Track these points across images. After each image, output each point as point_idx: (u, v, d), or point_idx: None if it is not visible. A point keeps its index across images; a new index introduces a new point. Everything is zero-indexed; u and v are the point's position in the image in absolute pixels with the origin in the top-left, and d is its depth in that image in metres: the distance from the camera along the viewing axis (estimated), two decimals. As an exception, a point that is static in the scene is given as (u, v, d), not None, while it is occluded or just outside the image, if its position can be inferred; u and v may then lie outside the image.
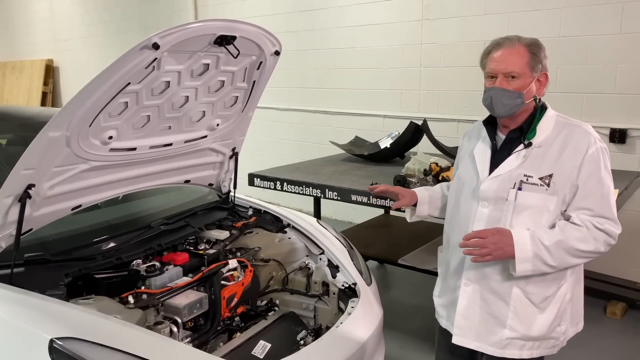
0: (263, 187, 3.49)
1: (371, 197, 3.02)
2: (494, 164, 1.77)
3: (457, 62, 4.69)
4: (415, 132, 3.95)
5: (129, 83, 1.80)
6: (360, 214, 4.88)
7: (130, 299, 1.98)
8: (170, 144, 2.27)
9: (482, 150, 1.83)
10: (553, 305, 1.76)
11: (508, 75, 1.68)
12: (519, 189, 1.69)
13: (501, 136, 1.81)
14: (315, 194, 3.27)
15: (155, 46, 1.72)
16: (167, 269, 2.20)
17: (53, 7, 9.59)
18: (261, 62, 2.24)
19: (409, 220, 2.17)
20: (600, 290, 3.77)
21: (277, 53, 2.24)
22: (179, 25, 1.77)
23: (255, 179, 3.52)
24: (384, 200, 2.98)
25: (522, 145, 1.72)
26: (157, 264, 2.23)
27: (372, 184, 3.26)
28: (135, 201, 2.58)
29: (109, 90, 1.76)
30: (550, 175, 1.67)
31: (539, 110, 1.76)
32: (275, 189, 3.42)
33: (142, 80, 1.85)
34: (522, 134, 1.74)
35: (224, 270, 2.25)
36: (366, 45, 5.38)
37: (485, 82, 1.77)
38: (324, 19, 5.66)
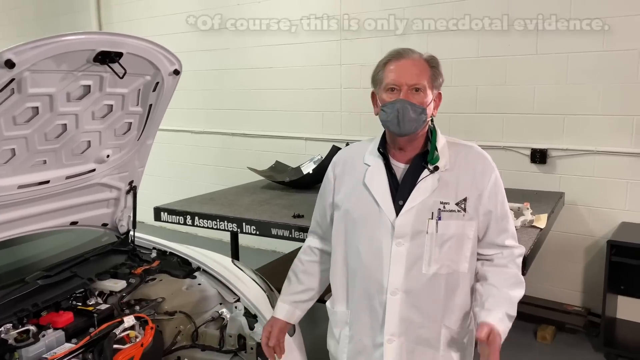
0: (172, 223, 3.12)
1: (293, 230, 2.76)
2: (399, 195, 1.57)
3: (378, 82, 4.57)
4: (338, 156, 3.74)
5: (-23, 110, 1.43)
6: (285, 241, 4.60)
7: (-12, 382, 1.57)
8: (47, 182, 1.90)
9: (379, 181, 1.60)
10: (469, 335, 1.66)
11: (412, 88, 1.52)
12: (439, 218, 1.53)
13: (398, 164, 1.61)
14: (231, 229, 2.95)
15: (9, 64, 1.37)
16: (44, 335, 1.79)
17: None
18: (157, 83, 1.92)
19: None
20: (530, 314, 3.70)
21: (176, 72, 1.94)
22: (43, 38, 1.43)
23: (162, 213, 3.13)
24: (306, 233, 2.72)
25: (427, 171, 1.56)
26: (33, 328, 1.82)
27: (294, 215, 3.03)
28: (6, 250, 2.14)
29: (-53, 119, 1.38)
30: (465, 199, 1.55)
31: (434, 132, 1.62)
32: (185, 224, 3.06)
33: (-2, 106, 1.48)
34: (425, 158, 1.58)
35: (119, 330, 1.88)
36: (285, 65, 5.17)
37: (381, 97, 1.56)
38: (240, 37, 5.39)
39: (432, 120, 1.60)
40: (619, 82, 3.56)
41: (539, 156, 3.86)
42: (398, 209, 1.55)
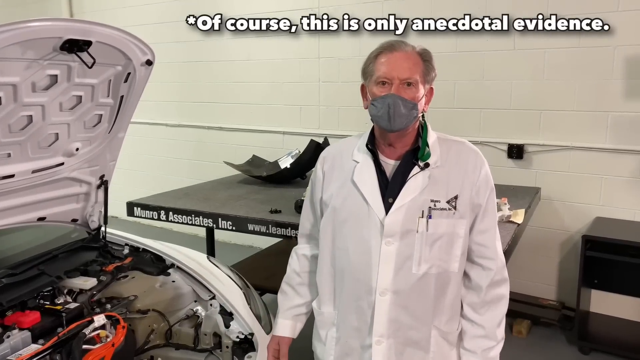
0: (146, 218, 3.04)
1: (270, 226, 2.71)
2: (389, 193, 1.52)
3: (355, 77, 4.50)
4: (316, 151, 3.70)
5: None
6: (262, 237, 4.54)
7: (-52, 386, 1.49)
8: (12, 176, 1.82)
9: (368, 178, 1.54)
10: (458, 336, 1.61)
11: (404, 82, 1.46)
12: (429, 216, 1.48)
13: (388, 161, 1.56)
14: (206, 224, 2.89)
15: (-32, 50, 1.29)
16: (9, 336, 1.72)
17: None
18: (129, 74, 1.85)
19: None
20: (506, 308, 3.72)
21: (149, 63, 1.87)
22: (5, 24, 1.34)
23: (135, 208, 3.05)
24: (285, 229, 2.68)
25: (417, 168, 1.51)
26: (-3, 329, 1.75)
27: (271, 211, 2.98)
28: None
29: None
30: (456, 197, 1.50)
31: (425, 127, 1.57)
32: (159, 219, 2.98)
33: (-43, 96, 1.40)
34: (415, 155, 1.53)
35: (88, 329, 1.81)
36: (261, 58, 5.09)
37: (371, 90, 1.51)
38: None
39: (423, 116, 1.55)
40: (594, 78, 3.59)
41: (515, 151, 3.87)
42: (387, 207, 1.50)
